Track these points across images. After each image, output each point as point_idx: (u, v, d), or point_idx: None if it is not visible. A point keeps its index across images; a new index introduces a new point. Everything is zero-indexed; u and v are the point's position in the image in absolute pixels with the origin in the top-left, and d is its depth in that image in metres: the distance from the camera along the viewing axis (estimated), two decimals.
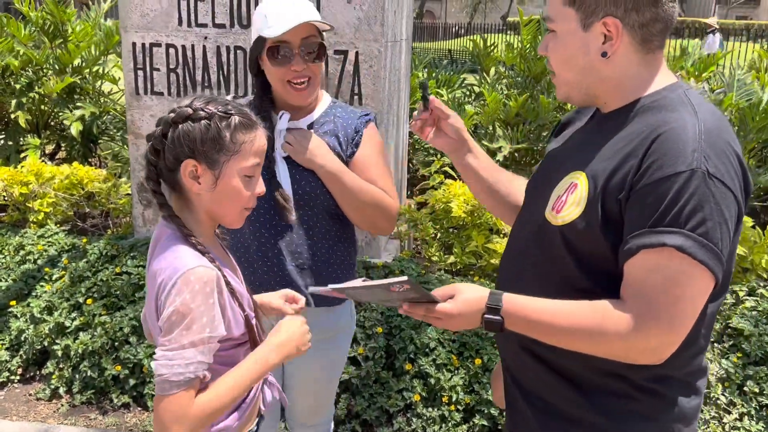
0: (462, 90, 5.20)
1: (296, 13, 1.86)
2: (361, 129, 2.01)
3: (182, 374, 1.31)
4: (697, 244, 1.20)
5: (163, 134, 1.39)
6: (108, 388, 3.27)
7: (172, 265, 1.35)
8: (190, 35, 3.41)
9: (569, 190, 1.38)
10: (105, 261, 3.58)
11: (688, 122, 1.26)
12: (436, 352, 3.17)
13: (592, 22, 1.33)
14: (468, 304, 1.36)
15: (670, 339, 1.24)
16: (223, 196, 1.41)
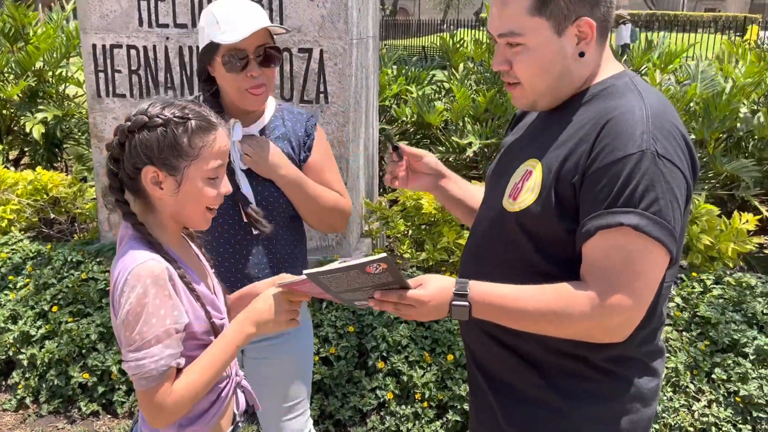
0: (431, 86, 5.19)
1: (251, 19, 1.82)
2: (311, 132, 2.00)
3: (154, 370, 1.32)
4: (652, 222, 1.24)
5: (120, 143, 1.38)
6: (76, 396, 3.21)
7: (124, 264, 1.34)
8: (152, 36, 3.36)
9: (525, 177, 1.42)
10: (70, 267, 3.52)
11: (636, 106, 1.31)
12: (408, 350, 3.16)
13: (566, 26, 1.34)
14: (438, 291, 1.37)
15: (633, 315, 1.28)
16: (186, 199, 1.40)
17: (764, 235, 4.41)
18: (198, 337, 1.44)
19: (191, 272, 1.45)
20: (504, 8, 1.37)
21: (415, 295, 1.36)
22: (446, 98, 4.93)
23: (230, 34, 1.80)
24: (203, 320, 1.44)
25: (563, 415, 1.42)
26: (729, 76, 4.48)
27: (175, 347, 1.36)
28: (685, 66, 4.98)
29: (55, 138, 4.95)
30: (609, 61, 1.43)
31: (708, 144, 4.28)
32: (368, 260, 1.30)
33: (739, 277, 3.45)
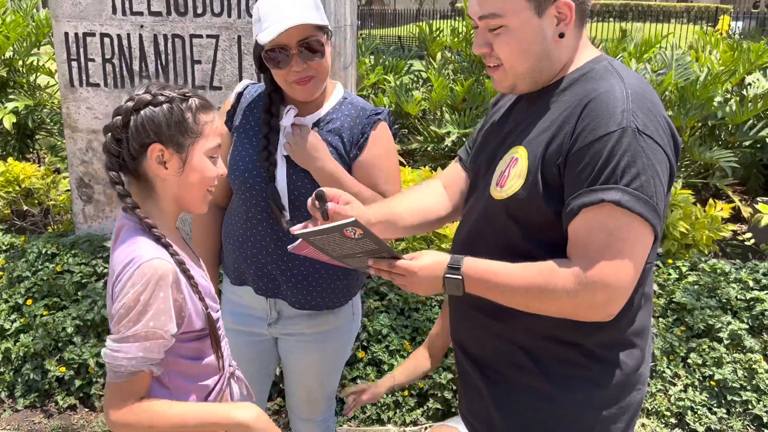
0: (409, 76, 5.18)
1: (285, 15, 1.78)
2: (367, 131, 1.93)
3: (123, 367, 1.32)
4: (633, 197, 1.24)
5: (124, 123, 1.36)
6: (52, 390, 3.17)
7: (129, 257, 1.34)
8: (126, 24, 3.31)
9: (511, 164, 1.42)
10: (45, 260, 3.46)
11: (616, 86, 1.33)
12: (388, 339, 3.17)
13: (546, 7, 1.35)
14: (430, 263, 1.39)
15: (617, 291, 1.27)
16: (189, 179, 1.41)
17: (737, 222, 4.48)
18: (196, 331, 1.44)
19: (187, 261, 1.45)
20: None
21: (405, 265, 1.38)
22: (424, 87, 4.92)
23: (265, 33, 1.78)
24: (201, 315, 1.44)
25: (554, 401, 1.42)
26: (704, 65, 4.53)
27: (153, 353, 1.34)
28: (662, 54, 5.02)
29: (27, 128, 4.86)
30: (586, 45, 1.44)
31: (684, 132, 4.33)
32: (342, 223, 1.33)
33: (714, 264, 3.50)
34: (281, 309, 2.01)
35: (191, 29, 3.28)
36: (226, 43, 3.29)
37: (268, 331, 2.04)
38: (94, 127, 3.45)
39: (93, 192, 3.53)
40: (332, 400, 2.25)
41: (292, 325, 2.02)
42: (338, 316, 2.05)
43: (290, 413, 2.25)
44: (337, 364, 2.16)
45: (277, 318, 2.02)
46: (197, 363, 1.47)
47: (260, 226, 1.94)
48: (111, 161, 1.40)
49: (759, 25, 22.02)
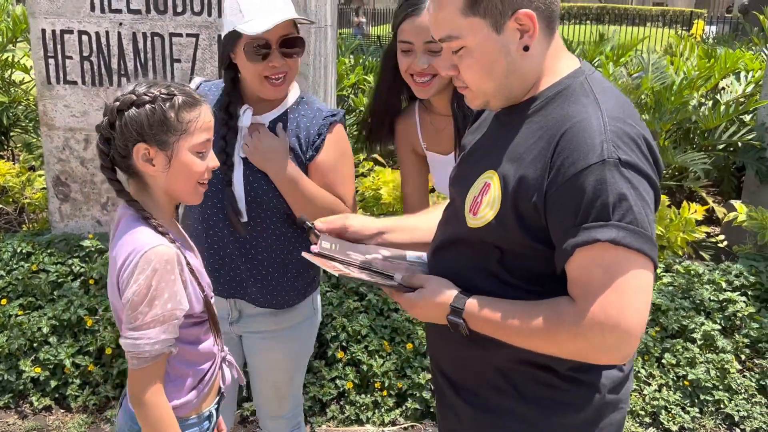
0: None
1: (275, 8, 1.79)
2: (323, 132, 1.93)
3: (148, 352, 1.39)
4: (629, 233, 1.18)
5: (110, 123, 1.41)
6: (27, 390, 3.13)
7: (132, 246, 1.39)
8: (104, 21, 3.27)
9: (483, 191, 1.37)
10: (20, 259, 3.41)
11: (592, 114, 1.25)
12: (367, 339, 3.18)
13: (504, 22, 1.27)
14: (432, 300, 1.37)
15: (627, 334, 1.20)
16: (177, 174, 1.45)
17: (711, 224, 4.56)
18: (195, 316, 1.49)
19: (185, 248, 1.51)
20: (439, 12, 1.31)
21: (409, 297, 1.39)
22: None
23: (253, 24, 1.76)
24: (200, 299, 1.50)
25: (531, 424, 1.40)
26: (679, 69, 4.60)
27: (172, 333, 1.42)
28: (638, 58, 5.09)
29: (2, 126, 4.79)
30: (561, 55, 1.36)
31: (659, 136, 4.39)
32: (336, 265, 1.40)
33: (688, 266, 3.56)
34: (242, 308, 2.03)
35: (171, 27, 3.26)
36: (206, 42, 3.27)
37: (231, 330, 2.05)
38: (72, 125, 3.41)
39: (70, 190, 3.50)
40: (299, 395, 2.26)
41: (254, 323, 2.04)
42: (300, 312, 2.07)
43: (258, 411, 2.26)
44: (302, 359, 2.18)
45: (239, 317, 2.04)
46: (194, 348, 1.51)
47: (217, 228, 1.94)
48: (104, 159, 1.45)
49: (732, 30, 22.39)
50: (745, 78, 4.65)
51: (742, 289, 3.44)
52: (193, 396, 1.52)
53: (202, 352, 1.53)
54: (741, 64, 4.80)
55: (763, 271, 3.48)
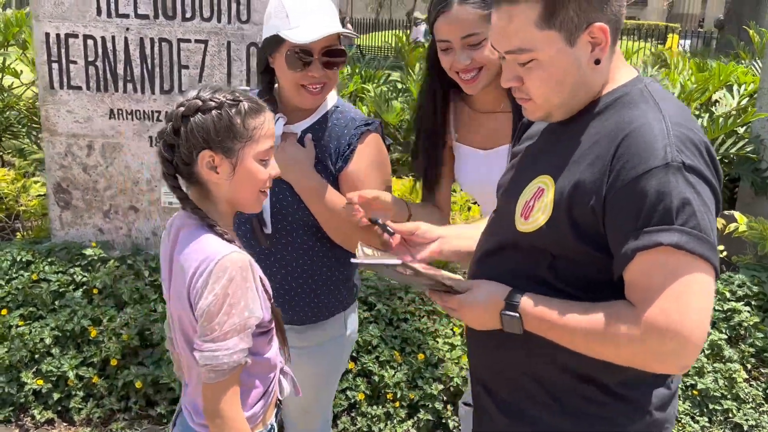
0: (386, 86, 5.18)
1: (325, 19, 1.77)
2: (354, 142, 1.88)
3: (227, 363, 1.36)
4: (693, 238, 1.17)
5: (174, 129, 1.38)
6: (29, 404, 3.04)
7: (203, 254, 1.36)
8: (111, 26, 3.22)
9: (536, 195, 1.36)
10: (20, 268, 3.32)
11: (653, 118, 1.24)
12: (378, 350, 3.15)
13: (578, 35, 1.27)
14: (485, 299, 1.35)
15: (687, 342, 1.18)
16: (241, 182, 1.43)
17: None
18: (263, 325, 1.46)
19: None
20: (509, 23, 1.29)
21: (459, 299, 1.36)
22: (402, 98, 4.93)
23: (299, 32, 1.73)
24: (268, 307, 1.48)
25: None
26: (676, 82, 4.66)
27: (248, 342, 1.39)
28: None
29: None
30: (621, 65, 1.36)
31: None
32: (392, 263, 1.33)
33: None
34: None
35: (179, 33, 3.21)
36: (215, 49, 3.23)
37: None
38: (75, 131, 3.34)
39: (71, 198, 3.42)
40: (329, 412, 2.22)
41: None
42: (328, 330, 2.02)
43: (286, 426, 2.21)
44: (331, 378, 2.13)
45: None
46: (260, 358, 1.48)
47: (241, 240, 1.89)
48: (167, 167, 1.42)
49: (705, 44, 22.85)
50: (738, 91, 4.73)
51: (746, 299, 3.48)
52: (260, 407, 1.49)
53: (266, 362, 1.51)
54: (733, 78, 4.88)
55: (766, 281, 3.53)
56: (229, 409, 1.39)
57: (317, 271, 1.95)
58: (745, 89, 4.74)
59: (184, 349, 1.46)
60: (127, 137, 3.34)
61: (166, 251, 1.48)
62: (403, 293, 3.41)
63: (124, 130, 3.33)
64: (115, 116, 3.31)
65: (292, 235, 1.90)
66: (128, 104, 3.30)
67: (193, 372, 1.46)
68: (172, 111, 1.40)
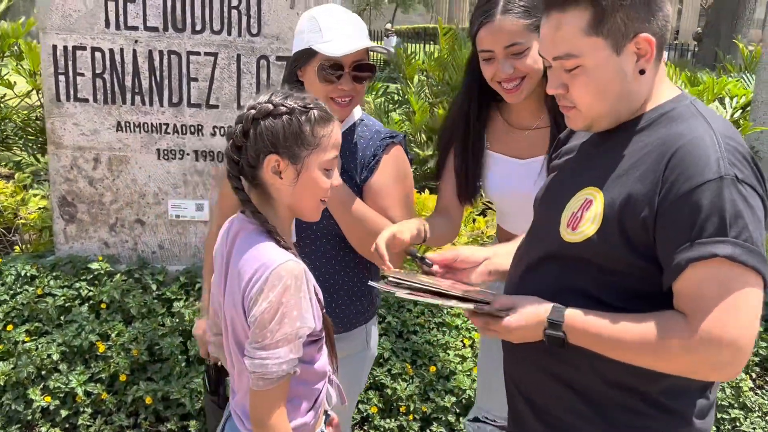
0: (384, 97, 5.21)
1: (356, 34, 1.81)
2: (379, 153, 1.92)
3: (276, 372, 1.36)
4: (746, 250, 1.20)
5: (244, 131, 1.39)
6: (36, 421, 2.98)
7: (260, 261, 1.36)
8: (119, 38, 3.20)
9: (584, 206, 1.37)
10: (24, 282, 3.27)
11: (704, 132, 1.27)
12: (390, 363, 3.15)
13: (624, 44, 1.30)
14: (528, 318, 1.36)
15: (740, 351, 1.21)
16: (303, 189, 1.44)
17: None
18: (314, 334, 1.45)
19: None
20: (558, 30, 1.33)
21: (505, 323, 1.37)
22: (400, 109, 4.96)
23: (333, 46, 1.77)
24: (320, 316, 1.47)
25: None
26: None
27: (297, 352, 1.39)
28: None
29: None
30: (664, 81, 1.39)
31: None
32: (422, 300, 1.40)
33: None
34: None
35: (189, 46, 3.20)
36: (225, 62, 3.22)
37: None
38: (81, 143, 3.30)
39: (76, 211, 3.38)
40: (347, 428, 2.21)
41: None
42: (349, 343, 2.01)
43: None
44: (352, 393, 2.11)
45: None
46: (311, 366, 1.48)
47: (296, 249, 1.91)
48: (231, 167, 1.42)
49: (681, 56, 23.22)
50: (730, 103, 4.82)
51: None
52: (311, 417, 1.49)
53: (317, 371, 1.50)
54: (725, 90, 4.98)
55: None
56: (275, 418, 1.39)
57: (339, 280, 1.96)
58: (738, 102, 4.83)
59: (235, 353, 1.46)
60: (134, 150, 3.31)
61: (222, 254, 1.49)
62: (411, 305, 3.41)
63: (131, 142, 3.30)
64: (123, 129, 3.28)
65: (315, 244, 1.91)
66: (136, 117, 3.27)
67: (243, 377, 1.45)
68: (243, 113, 1.41)
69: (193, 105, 3.26)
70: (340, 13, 1.86)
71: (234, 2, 3.16)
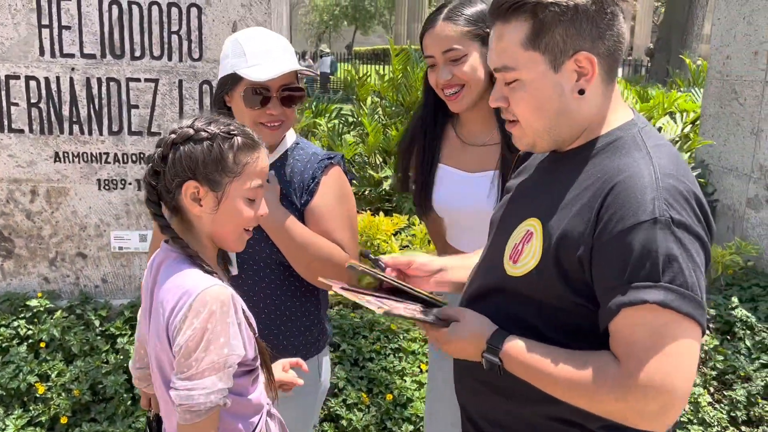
0: (337, 119, 5.16)
1: (283, 57, 1.77)
2: (318, 175, 1.85)
3: (203, 404, 1.28)
4: (679, 296, 1.14)
5: (163, 156, 1.34)
6: None
7: (183, 288, 1.29)
8: (55, 66, 3.09)
9: (525, 239, 1.33)
10: None
11: (644, 168, 1.21)
12: (345, 392, 3.06)
13: (563, 61, 1.25)
14: (469, 335, 1.33)
15: (672, 400, 1.15)
16: (224, 218, 1.37)
17: None
18: (247, 363, 1.38)
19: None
20: (499, 42, 1.30)
21: (444, 333, 1.35)
22: (354, 131, 4.91)
23: (258, 70, 1.72)
24: (253, 343, 1.40)
25: None
26: None
27: (227, 382, 1.30)
28: None
29: None
30: (617, 106, 1.33)
31: None
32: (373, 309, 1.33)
33: None
34: None
35: (128, 72, 3.11)
36: (167, 87, 3.13)
37: None
38: (17, 176, 3.17)
39: (14, 246, 3.23)
40: None
41: None
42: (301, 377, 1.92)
43: None
44: (305, 429, 2.03)
45: None
46: (244, 399, 1.40)
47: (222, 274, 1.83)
48: (150, 193, 1.37)
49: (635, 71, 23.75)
50: (681, 118, 4.88)
51: None
52: None
53: (252, 403, 1.42)
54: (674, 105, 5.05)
55: (722, 304, 3.60)
56: None
57: (287, 311, 1.88)
58: (687, 117, 4.89)
59: (163, 393, 1.38)
60: (73, 181, 3.19)
61: (148, 287, 1.42)
62: (367, 332, 3.33)
63: (70, 173, 3.18)
64: (61, 159, 3.16)
65: (259, 275, 1.84)
66: (75, 146, 3.15)
67: (173, 417, 1.36)
68: (163, 137, 1.37)
69: (134, 133, 3.16)
70: (265, 36, 1.81)
71: (174, 27, 3.08)
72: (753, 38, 4.14)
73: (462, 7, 1.96)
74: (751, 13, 4.16)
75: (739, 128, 4.26)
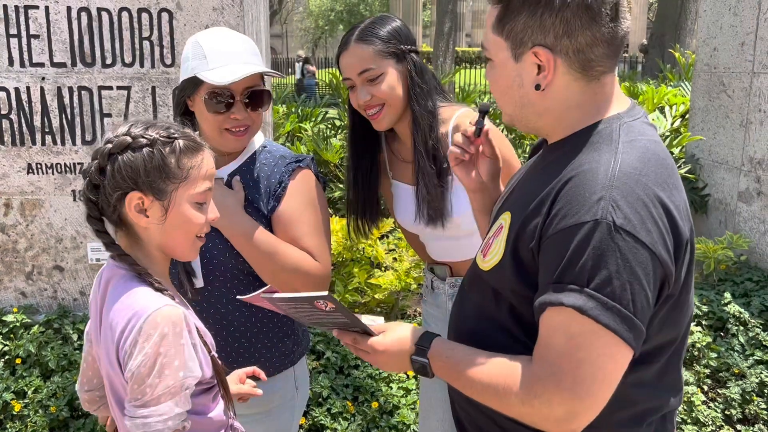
0: (323, 123, 5.09)
1: (247, 59, 1.68)
2: (285, 179, 1.76)
3: (161, 431, 1.21)
4: (600, 305, 1.06)
5: (100, 168, 1.25)
6: None
7: (132, 309, 1.22)
8: (24, 76, 3.03)
9: (496, 233, 1.30)
10: None
11: (602, 165, 1.12)
12: (330, 401, 2.98)
13: (522, 52, 1.21)
14: (396, 342, 1.29)
15: (577, 407, 1.09)
16: (174, 227, 1.31)
17: None
18: (205, 382, 1.31)
19: (189, 310, 1.35)
20: (487, 21, 1.29)
21: (371, 342, 1.30)
22: (341, 135, 4.84)
23: (219, 73, 1.63)
24: (209, 362, 1.32)
25: None
26: None
27: (184, 405, 1.24)
28: None
29: None
30: (613, 99, 1.24)
31: None
32: (314, 295, 1.24)
33: None
34: None
35: (100, 81, 3.05)
36: (139, 95, 3.07)
37: None
38: None
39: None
40: None
41: None
42: (276, 391, 1.84)
43: None
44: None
45: None
46: (204, 418, 1.33)
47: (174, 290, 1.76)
48: (90, 209, 1.28)
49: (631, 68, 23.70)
50: (670, 112, 4.81)
51: (696, 319, 3.47)
52: None
53: (213, 420, 1.35)
54: (664, 99, 4.98)
55: (714, 300, 3.53)
56: None
57: (257, 323, 1.80)
58: (677, 110, 4.83)
59: (118, 414, 1.31)
60: (47, 193, 3.13)
61: (96, 306, 1.34)
62: None
63: (44, 185, 3.12)
64: (34, 171, 3.10)
65: (226, 286, 1.76)
66: (48, 158, 3.09)
67: None
68: (98, 147, 1.28)
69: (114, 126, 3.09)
70: (227, 36, 1.72)
71: (145, 33, 3.02)
72: (739, 29, 4.08)
73: (374, 26, 1.91)
74: (737, 4, 4.09)
75: (728, 121, 4.20)
